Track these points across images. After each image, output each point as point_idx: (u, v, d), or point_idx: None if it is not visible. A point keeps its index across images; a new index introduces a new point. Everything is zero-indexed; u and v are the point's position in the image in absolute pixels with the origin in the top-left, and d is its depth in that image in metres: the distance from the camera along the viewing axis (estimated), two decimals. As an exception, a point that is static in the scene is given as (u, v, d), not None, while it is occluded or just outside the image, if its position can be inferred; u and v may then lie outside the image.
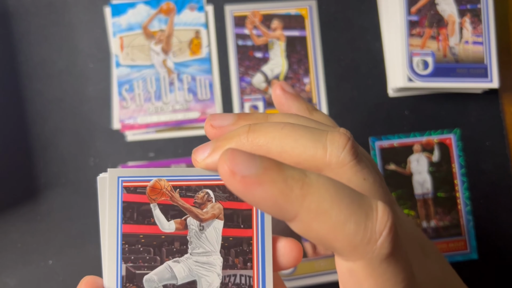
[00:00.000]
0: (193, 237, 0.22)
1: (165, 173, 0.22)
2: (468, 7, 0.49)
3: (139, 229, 0.22)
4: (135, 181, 0.22)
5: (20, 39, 0.48)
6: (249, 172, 0.16)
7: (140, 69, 0.48)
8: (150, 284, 0.22)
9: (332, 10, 0.51)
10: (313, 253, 0.47)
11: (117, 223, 0.22)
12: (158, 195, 0.22)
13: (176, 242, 0.22)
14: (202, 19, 0.49)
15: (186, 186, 0.22)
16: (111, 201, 0.21)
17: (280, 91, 0.26)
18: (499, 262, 0.49)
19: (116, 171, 0.22)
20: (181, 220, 0.22)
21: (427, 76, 0.47)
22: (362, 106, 0.50)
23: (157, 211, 0.22)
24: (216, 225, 0.22)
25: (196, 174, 0.22)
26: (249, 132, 0.20)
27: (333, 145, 0.19)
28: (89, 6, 0.49)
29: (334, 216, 0.16)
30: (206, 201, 0.22)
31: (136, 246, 0.22)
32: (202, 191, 0.22)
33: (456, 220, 0.49)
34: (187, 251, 0.22)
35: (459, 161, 0.50)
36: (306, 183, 0.17)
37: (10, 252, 0.46)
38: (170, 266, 0.22)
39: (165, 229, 0.22)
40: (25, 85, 0.48)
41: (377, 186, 0.20)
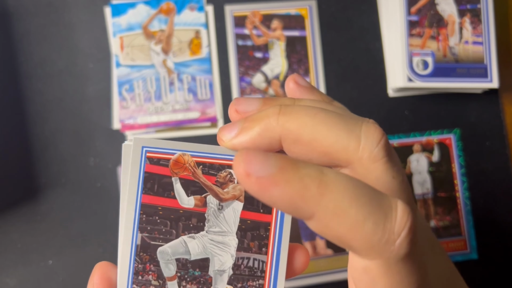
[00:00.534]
0: (211, 215, 0.22)
1: (190, 148, 0.22)
2: (468, 7, 0.49)
3: (158, 201, 0.22)
4: (159, 152, 0.22)
5: (20, 39, 0.48)
6: (264, 173, 0.16)
7: (140, 69, 0.48)
8: (163, 256, 0.22)
9: (332, 10, 0.51)
10: (313, 253, 0.47)
11: (137, 192, 0.21)
12: (181, 170, 0.22)
13: (194, 218, 0.22)
14: (202, 19, 0.49)
15: (209, 164, 0.22)
16: (133, 170, 0.21)
17: (294, 84, 0.24)
18: (499, 262, 0.49)
19: (141, 140, 0.21)
20: (201, 197, 0.22)
21: (427, 76, 0.47)
22: (362, 106, 0.50)
23: (178, 185, 0.22)
24: (236, 206, 0.22)
25: (222, 152, 0.22)
26: (279, 114, 0.19)
27: (367, 138, 0.19)
28: (89, 6, 0.49)
29: (353, 215, 0.16)
30: (228, 181, 0.22)
31: (153, 218, 0.22)
32: (225, 171, 0.22)
33: (456, 220, 0.49)
34: (203, 228, 0.22)
35: (459, 161, 0.50)
36: (323, 181, 0.16)
37: (10, 252, 0.46)
38: (185, 241, 0.22)
39: (184, 204, 0.22)
40: (25, 85, 0.48)
41: (404, 186, 0.20)
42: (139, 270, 0.21)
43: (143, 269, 0.22)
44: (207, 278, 0.22)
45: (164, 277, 0.22)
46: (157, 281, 0.22)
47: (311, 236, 0.47)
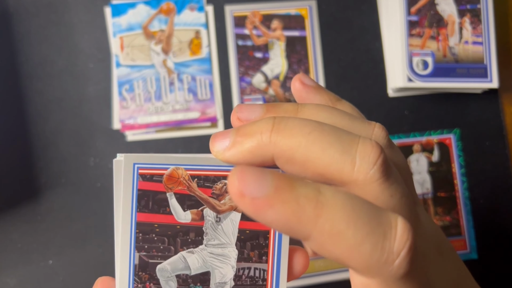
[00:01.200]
0: (209, 228, 0.22)
1: (183, 162, 0.21)
2: (467, 7, 0.49)
3: (154, 218, 0.21)
4: (151, 168, 0.21)
5: (21, 39, 0.48)
6: (259, 194, 0.15)
7: (140, 69, 0.48)
8: (163, 274, 0.21)
9: (332, 10, 0.51)
10: (313, 253, 0.47)
11: (132, 211, 0.21)
12: (175, 184, 0.21)
13: (192, 232, 0.22)
14: (202, 19, 0.49)
15: (204, 176, 0.21)
16: (126, 189, 0.21)
17: (300, 84, 0.23)
18: (499, 262, 0.49)
19: (132, 156, 0.21)
20: (198, 210, 0.22)
21: (427, 76, 0.47)
22: (362, 106, 0.50)
23: (173, 200, 0.21)
24: (233, 217, 0.22)
25: (216, 164, 0.21)
26: (272, 132, 0.19)
27: (363, 159, 0.18)
28: (89, 6, 0.49)
29: (350, 237, 0.16)
30: (224, 192, 0.22)
31: (150, 235, 0.21)
32: (220, 182, 0.22)
33: (456, 220, 0.49)
34: (202, 242, 0.22)
35: (459, 161, 0.50)
36: (320, 202, 0.16)
37: (10, 252, 0.46)
38: (184, 257, 0.22)
39: (181, 219, 0.21)
40: (25, 85, 0.48)
41: (404, 202, 0.19)
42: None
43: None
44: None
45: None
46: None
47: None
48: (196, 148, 0.48)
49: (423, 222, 0.21)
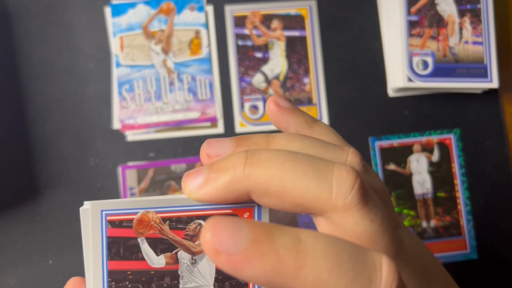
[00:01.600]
0: (184, 271, 0.21)
1: (153, 204, 0.20)
2: (468, 7, 0.49)
3: (127, 265, 0.20)
4: (120, 214, 0.20)
5: (20, 39, 0.48)
6: (235, 250, 0.14)
7: (140, 69, 0.48)
8: None
9: (332, 10, 0.51)
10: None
11: (102, 260, 0.20)
12: (146, 229, 0.20)
13: (167, 277, 0.21)
14: (202, 19, 0.49)
15: (176, 218, 0.21)
16: (95, 237, 0.20)
17: (275, 106, 0.23)
18: (499, 262, 0.49)
19: (99, 204, 0.20)
20: (172, 254, 0.21)
21: (427, 76, 0.47)
22: (362, 106, 0.50)
23: (145, 245, 0.20)
24: None
25: (187, 204, 0.20)
26: (245, 165, 0.18)
27: (339, 185, 0.18)
28: (89, 6, 0.49)
29: (334, 286, 0.15)
30: (198, 233, 0.21)
31: (123, 283, 0.20)
32: (194, 222, 0.21)
33: (456, 220, 0.49)
34: (178, 286, 0.21)
35: (459, 161, 0.50)
36: (300, 251, 0.15)
37: (10, 252, 0.46)
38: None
39: (155, 264, 0.21)
40: (25, 85, 0.48)
41: (384, 227, 0.19)
42: None
43: None
44: None
45: None
46: None
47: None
48: (196, 148, 0.48)
49: (407, 245, 0.21)
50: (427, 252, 0.23)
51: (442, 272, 0.23)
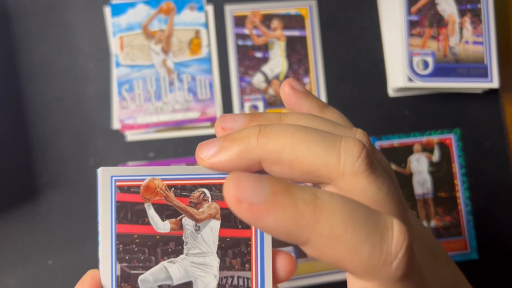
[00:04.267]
0: (188, 237, 0.22)
1: (160, 172, 0.21)
2: (468, 7, 0.49)
3: (134, 229, 0.21)
4: (128, 180, 0.21)
5: (20, 39, 0.48)
6: (257, 200, 0.15)
7: (140, 69, 0.48)
8: (145, 285, 0.21)
9: (332, 10, 0.51)
10: (313, 253, 0.47)
11: (111, 223, 0.21)
12: (152, 195, 0.21)
13: (171, 242, 0.22)
14: (202, 19, 0.49)
15: (181, 185, 0.22)
16: (105, 201, 0.21)
17: (290, 89, 0.24)
18: (499, 262, 0.49)
19: (109, 170, 0.21)
20: (176, 220, 0.22)
21: (427, 76, 0.47)
22: (362, 106, 0.50)
23: (151, 211, 0.21)
24: (213, 225, 0.22)
25: (192, 172, 0.22)
26: (259, 135, 0.19)
27: (347, 153, 0.18)
28: (89, 6, 0.49)
29: (348, 240, 0.16)
30: (202, 201, 0.22)
31: (130, 246, 0.21)
32: (197, 190, 0.22)
33: (456, 220, 0.49)
34: (182, 252, 0.22)
35: (459, 161, 0.50)
36: (318, 206, 0.16)
37: (10, 252, 0.46)
38: (166, 267, 0.22)
39: (160, 229, 0.22)
40: (25, 85, 0.48)
41: (391, 196, 0.19)
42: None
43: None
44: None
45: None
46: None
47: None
48: (196, 148, 0.48)
49: (414, 225, 0.21)
50: (431, 236, 0.23)
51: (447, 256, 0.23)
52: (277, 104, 0.49)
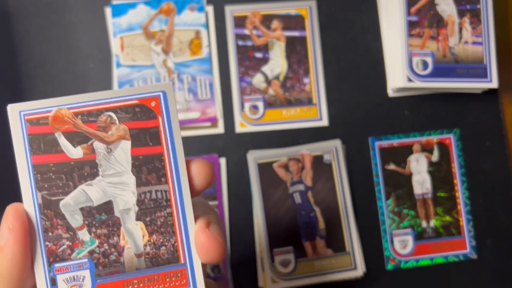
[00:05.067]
0: (102, 160, 0.23)
1: (65, 102, 0.22)
2: (467, 7, 0.49)
3: (48, 159, 0.22)
4: (36, 113, 0.23)
5: (21, 39, 0.48)
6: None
7: (141, 69, 0.48)
8: (67, 208, 0.23)
9: (332, 10, 0.51)
10: (313, 253, 0.47)
11: (26, 155, 0.23)
12: (61, 124, 0.22)
13: (86, 166, 0.23)
14: (202, 19, 0.49)
15: (87, 112, 0.23)
16: (17, 136, 0.23)
17: None
18: (498, 262, 0.49)
19: (17, 105, 0.23)
20: (88, 145, 0.23)
21: (427, 76, 0.48)
22: (362, 106, 0.50)
23: (62, 139, 0.22)
24: (124, 145, 0.23)
25: (96, 98, 0.23)
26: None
27: None
28: (89, 6, 0.49)
29: None
30: (109, 124, 0.23)
31: (48, 175, 0.22)
32: (104, 115, 0.23)
33: (456, 219, 0.49)
34: (98, 174, 0.23)
35: (459, 161, 0.50)
36: None
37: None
38: (84, 190, 0.23)
39: (73, 155, 0.23)
40: (25, 85, 0.48)
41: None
42: (48, 227, 0.22)
43: (51, 225, 0.22)
44: (114, 219, 0.23)
45: (73, 228, 0.23)
46: (67, 233, 0.22)
47: (311, 236, 0.47)
48: (196, 148, 0.48)
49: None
50: None
51: None
52: (277, 104, 0.49)
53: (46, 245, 0.22)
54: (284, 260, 0.47)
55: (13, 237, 0.21)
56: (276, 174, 0.48)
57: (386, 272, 0.48)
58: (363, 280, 0.47)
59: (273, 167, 0.48)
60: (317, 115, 0.49)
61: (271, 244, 0.47)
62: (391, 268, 0.48)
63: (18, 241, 0.21)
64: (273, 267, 0.46)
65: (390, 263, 0.48)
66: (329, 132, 0.49)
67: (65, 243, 0.22)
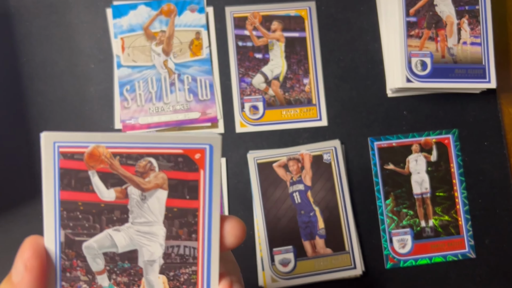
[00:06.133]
0: (134, 206, 0.22)
1: (104, 139, 0.21)
2: (466, 8, 0.49)
3: (78, 196, 0.21)
4: (72, 146, 0.21)
5: (22, 40, 0.48)
6: None
7: (141, 70, 0.48)
8: (90, 251, 0.21)
9: (331, 11, 0.51)
10: (312, 252, 0.47)
11: (55, 189, 0.21)
12: (97, 163, 0.21)
13: (117, 211, 0.21)
14: (202, 20, 0.49)
15: (126, 154, 0.21)
16: (48, 167, 0.21)
17: None
18: (497, 261, 0.49)
19: (52, 135, 0.21)
20: (122, 188, 0.21)
21: (426, 76, 0.48)
22: (361, 107, 0.50)
23: (95, 178, 0.21)
24: (159, 195, 0.22)
25: (138, 141, 0.21)
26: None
27: None
28: (90, 7, 0.49)
29: None
30: (148, 170, 0.21)
31: (74, 213, 0.21)
32: (144, 160, 0.21)
33: (455, 219, 0.49)
34: (128, 220, 0.22)
35: (457, 161, 0.50)
36: None
37: (13, 252, 0.46)
38: (110, 234, 0.22)
39: (105, 197, 0.21)
40: (26, 85, 0.48)
41: None
42: (66, 267, 0.21)
43: (70, 265, 0.21)
44: (137, 269, 0.22)
45: (93, 272, 0.21)
46: (86, 276, 0.21)
47: (311, 236, 0.47)
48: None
49: None
50: None
51: None
52: (276, 104, 0.50)
53: (62, 285, 0.21)
54: (283, 259, 0.47)
55: (28, 276, 0.20)
56: (276, 174, 0.48)
57: (385, 271, 0.48)
58: (362, 279, 0.48)
59: (273, 167, 0.48)
60: (316, 115, 0.50)
61: (271, 243, 0.47)
62: (390, 267, 0.48)
63: (34, 281, 0.20)
64: (273, 266, 0.47)
65: (389, 262, 0.48)
66: (329, 132, 0.50)
67: (82, 286, 0.21)
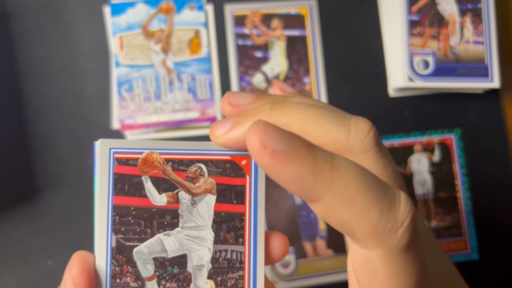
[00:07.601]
0: (184, 211, 0.22)
1: (158, 146, 0.22)
2: (469, 6, 0.49)
3: (130, 201, 0.22)
4: (127, 152, 0.22)
5: (19, 38, 0.48)
6: (280, 147, 0.16)
7: (140, 69, 0.48)
8: (140, 256, 0.22)
9: (333, 9, 0.51)
10: (313, 253, 0.47)
11: (108, 194, 0.22)
12: (150, 168, 0.22)
13: (167, 215, 0.22)
14: (202, 18, 0.49)
15: (178, 160, 0.22)
16: (103, 172, 0.21)
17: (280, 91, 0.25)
18: (500, 263, 0.49)
19: (108, 142, 0.22)
20: (173, 193, 0.22)
21: (428, 76, 0.47)
22: (363, 106, 0.50)
23: (148, 184, 0.22)
24: (208, 199, 0.22)
25: (190, 148, 0.22)
26: (271, 110, 0.20)
27: (357, 129, 0.19)
28: (88, 6, 0.49)
29: (360, 202, 0.16)
30: (198, 176, 0.22)
31: (126, 218, 0.22)
32: (194, 165, 0.22)
33: (457, 220, 0.49)
34: (178, 225, 0.22)
35: (460, 161, 0.50)
36: (335, 165, 0.16)
37: (9, 253, 0.45)
38: (161, 239, 0.22)
39: (157, 202, 0.22)
40: (23, 84, 0.48)
41: (395, 176, 0.20)
42: (117, 272, 0.21)
43: (121, 271, 0.22)
44: (186, 274, 0.22)
45: (143, 278, 0.22)
46: (135, 282, 0.22)
47: (311, 237, 0.47)
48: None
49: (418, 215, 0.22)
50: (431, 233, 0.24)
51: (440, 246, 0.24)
52: (277, 104, 0.49)
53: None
54: (284, 261, 0.46)
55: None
56: (276, 174, 0.48)
57: (386, 273, 0.48)
58: (363, 281, 0.47)
59: (273, 167, 0.48)
60: (317, 115, 0.49)
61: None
62: (391, 269, 0.48)
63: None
64: (273, 268, 0.46)
65: (391, 264, 0.48)
66: (330, 132, 0.49)
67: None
